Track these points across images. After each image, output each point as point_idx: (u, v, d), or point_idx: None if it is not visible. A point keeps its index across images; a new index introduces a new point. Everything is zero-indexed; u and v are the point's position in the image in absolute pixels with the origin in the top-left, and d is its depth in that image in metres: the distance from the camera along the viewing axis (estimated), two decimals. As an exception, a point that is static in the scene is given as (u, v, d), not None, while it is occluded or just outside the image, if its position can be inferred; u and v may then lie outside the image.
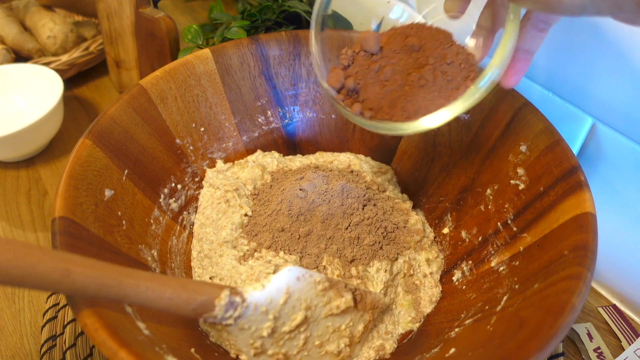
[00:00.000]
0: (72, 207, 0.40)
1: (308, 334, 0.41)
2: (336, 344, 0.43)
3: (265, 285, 0.38)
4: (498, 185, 0.50)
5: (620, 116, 0.49)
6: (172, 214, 0.53)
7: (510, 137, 0.49)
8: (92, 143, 0.45)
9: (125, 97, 0.50)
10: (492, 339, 0.38)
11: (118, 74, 0.83)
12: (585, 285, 0.35)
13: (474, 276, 0.49)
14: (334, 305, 0.41)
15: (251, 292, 0.37)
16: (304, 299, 0.40)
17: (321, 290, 0.41)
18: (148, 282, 0.33)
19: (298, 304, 0.40)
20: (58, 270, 0.29)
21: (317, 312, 0.41)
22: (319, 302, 0.41)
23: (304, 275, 0.40)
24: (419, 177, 0.58)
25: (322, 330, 0.42)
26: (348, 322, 0.43)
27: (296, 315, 0.40)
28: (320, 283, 0.41)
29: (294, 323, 0.39)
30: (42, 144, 0.73)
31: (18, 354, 0.52)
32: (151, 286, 0.33)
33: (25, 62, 0.79)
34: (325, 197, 0.50)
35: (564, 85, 0.52)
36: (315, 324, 0.41)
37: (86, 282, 0.30)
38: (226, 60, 0.57)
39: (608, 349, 0.52)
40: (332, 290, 0.41)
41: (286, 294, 0.39)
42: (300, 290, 0.40)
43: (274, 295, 0.38)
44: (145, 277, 0.33)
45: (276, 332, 0.39)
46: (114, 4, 0.76)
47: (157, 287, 0.33)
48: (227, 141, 0.59)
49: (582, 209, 0.40)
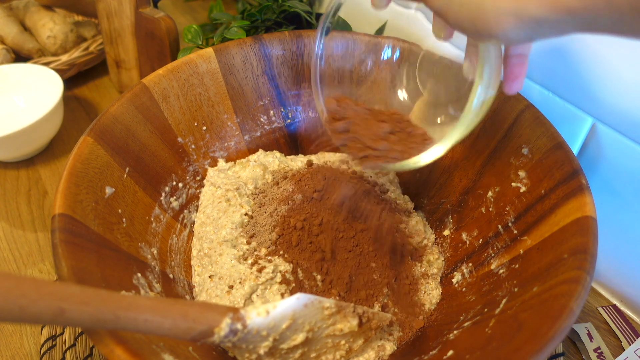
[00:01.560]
0: (72, 204, 0.40)
1: (306, 349, 0.40)
2: (332, 356, 0.42)
3: (270, 312, 0.36)
4: (499, 187, 0.50)
5: (620, 116, 0.49)
6: (172, 213, 0.53)
7: (512, 139, 0.50)
8: (93, 141, 0.45)
9: (127, 95, 0.50)
10: (490, 342, 0.38)
11: (118, 74, 0.83)
12: (585, 289, 0.35)
13: (473, 278, 0.49)
14: (338, 328, 0.40)
15: (254, 318, 0.36)
16: (308, 322, 0.39)
17: (328, 315, 0.39)
18: (147, 314, 0.32)
19: (301, 327, 0.38)
20: (52, 310, 0.28)
21: (319, 332, 0.40)
22: (323, 324, 0.40)
23: (312, 302, 0.38)
24: (421, 179, 0.58)
25: (320, 345, 0.41)
26: (349, 338, 0.42)
27: (297, 336, 0.38)
28: (328, 308, 0.39)
29: (293, 343, 0.38)
30: (42, 144, 0.73)
31: (18, 354, 0.52)
32: (150, 319, 0.32)
33: (25, 62, 0.79)
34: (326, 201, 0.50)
35: (564, 85, 0.53)
36: (315, 341, 0.40)
37: (81, 318, 0.30)
38: (229, 60, 0.57)
39: (608, 349, 0.52)
40: (339, 314, 0.40)
41: (290, 319, 0.37)
42: (305, 315, 0.38)
43: (277, 321, 0.37)
44: (144, 309, 0.32)
45: (274, 349, 0.38)
46: (114, 4, 0.76)
47: (156, 320, 0.32)
48: (229, 140, 0.59)
49: (583, 212, 0.40)
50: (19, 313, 0.28)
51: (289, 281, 0.47)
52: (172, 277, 0.49)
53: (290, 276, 0.47)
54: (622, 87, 0.47)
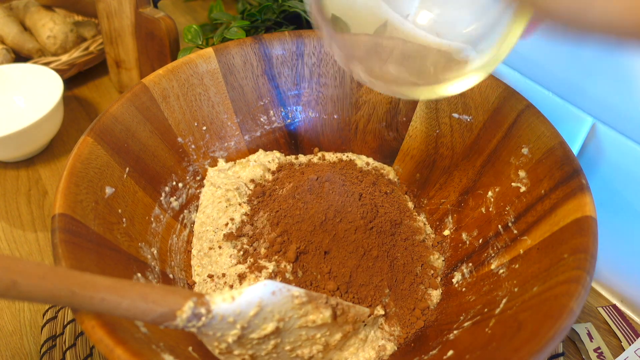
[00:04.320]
0: (72, 204, 0.40)
1: (278, 341, 0.39)
2: (308, 350, 0.41)
3: (235, 298, 0.36)
4: (499, 187, 0.50)
5: (620, 116, 0.49)
6: (172, 213, 0.53)
7: (512, 139, 0.50)
8: (93, 141, 0.45)
9: (127, 95, 0.50)
10: (490, 342, 0.38)
11: (118, 74, 0.83)
12: (585, 289, 0.35)
13: (473, 278, 0.48)
14: (310, 319, 0.40)
15: (219, 303, 0.36)
16: (278, 311, 0.38)
17: (298, 304, 0.39)
18: (104, 293, 0.32)
19: (270, 316, 0.38)
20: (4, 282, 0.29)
21: (291, 323, 0.39)
22: (294, 314, 0.39)
23: (280, 289, 0.38)
24: (421, 179, 0.58)
25: (294, 338, 0.40)
26: (324, 331, 0.41)
27: (267, 325, 0.38)
28: (298, 297, 0.39)
29: (263, 332, 0.38)
30: (42, 144, 0.73)
31: (18, 354, 0.52)
32: (106, 297, 0.32)
33: (25, 62, 0.79)
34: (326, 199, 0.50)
35: (564, 85, 0.53)
36: (287, 332, 0.39)
37: (35, 292, 0.30)
38: (229, 60, 0.57)
39: (608, 349, 0.52)
40: (310, 304, 0.40)
41: (257, 307, 0.37)
42: (274, 303, 0.38)
43: (243, 307, 0.36)
44: (101, 287, 0.32)
45: (243, 338, 0.38)
46: (114, 4, 0.76)
47: (113, 299, 0.32)
48: (229, 140, 0.59)
49: (583, 212, 0.40)
50: None
51: (289, 281, 0.47)
52: (172, 277, 0.49)
53: (291, 276, 0.47)
54: (622, 87, 0.47)
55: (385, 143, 0.61)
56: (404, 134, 0.60)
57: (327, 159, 0.60)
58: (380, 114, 0.60)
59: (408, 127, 0.59)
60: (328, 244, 0.48)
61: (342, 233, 0.49)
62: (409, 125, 0.59)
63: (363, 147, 0.62)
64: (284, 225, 0.49)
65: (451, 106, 0.55)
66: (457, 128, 0.55)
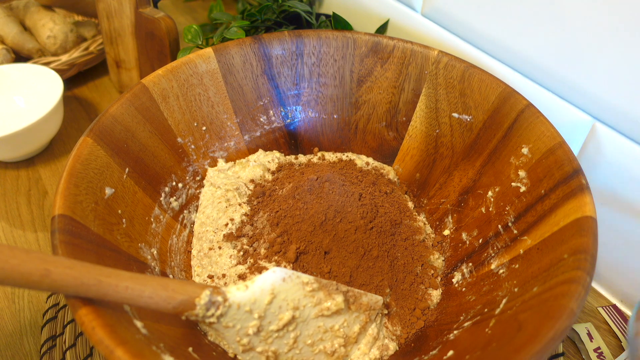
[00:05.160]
0: (72, 205, 0.40)
1: (298, 333, 0.41)
2: (330, 344, 0.43)
3: (249, 286, 0.39)
4: (499, 187, 0.50)
5: (620, 116, 0.49)
6: (172, 213, 0.53)
7: (512, 139, 0.50)
8: (93, 141, 0.45)
9: (127, 95, 0.50)
10: (490, 342, 0.38)
11: (118, 74, 0.83)
12: (585, 290, 0.35)
13: (473, 278, 0.48)
14: (324, 306, 0.41)
15: (234, 292, 0.38)
16: (291, 299, 0.40)
17: (310, 291, 0.41)
18: (127, 282, 0.34)
19: (285, 304, 0.40)
20: (39, 271, 0.32)
21: (307, 312, 0.41)
22: (308, 303, 0.41)
23: (290, 276, 0.40)
24: (421, 179, 0.58)
25: (312, 330, 0.42)
26: (342, 322, 0.43)
27: (283, 315, 0.40)
28: (309, 284, 0.41)
29: (281, 322, 0.40)
30: (42, 144, 0.73)
31: (18, 354, 0.52)
32: (130, 285, 0.34)
33: (25, 62, 0.79)
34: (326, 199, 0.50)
35: (564, 85, 0.53)
36: (304, 324, 0.41)
37: (65, 281, 0.32)
38: (229, 60, 0.57)
39: (608, 349, 0.52)
40: (321, 291, 0.41)
41: (271, 294, 0.39)
42: (286, 291, 0.40)
43: (257, 295, 0.39)
44: (125, 277, 0.34)
45: (263, 331, 0.40)
46: (114, 4, 0.76)
47: (136, 287, 0.34)
48: (228, 140, 0.59)
49: (583, 212, 0.40)
50: (11, 272, 0.31)
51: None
52: (172, 278, 0.49)
53: (290, 276, 0.47)
54: (622, 87, 0.47)
55: (385, 143, 0.61)
56: (403, 134, 0.60)
57: (327, 158, 0.60)
58: (380, 113, 0.60)
59: (408, 126, 0.59)
60: (328, 244, 0.48)
61: (342, 233, 0.49)
62: (408, 125, 0.59)
63: (363, 147, 0.62)
64: (283, 226, 0.49)
65: (451, 106, 0.55)
66: (457, 128, 0.55)
